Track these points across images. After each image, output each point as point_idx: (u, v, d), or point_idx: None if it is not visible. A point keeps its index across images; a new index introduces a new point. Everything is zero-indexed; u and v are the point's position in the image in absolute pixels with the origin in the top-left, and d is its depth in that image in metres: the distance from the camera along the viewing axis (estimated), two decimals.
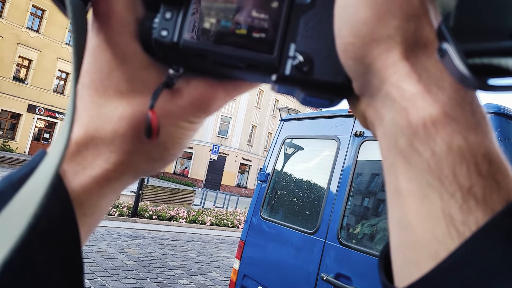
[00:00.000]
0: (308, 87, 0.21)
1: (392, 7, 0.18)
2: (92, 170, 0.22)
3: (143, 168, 0.25)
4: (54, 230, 0.20)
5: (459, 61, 0.15)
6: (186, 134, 0.25)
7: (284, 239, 2.63)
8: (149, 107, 0.22)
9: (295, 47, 0.21)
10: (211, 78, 0.24)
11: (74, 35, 0.20)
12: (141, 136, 0.23)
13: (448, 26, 0.16)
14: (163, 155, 0.25)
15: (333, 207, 2.38)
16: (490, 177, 0.16)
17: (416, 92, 0.17)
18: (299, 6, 0.21)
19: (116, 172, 0.23)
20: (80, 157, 0.22)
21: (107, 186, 0.23)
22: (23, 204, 0.16)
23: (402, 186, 0.17)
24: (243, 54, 0.21)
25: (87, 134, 0.22)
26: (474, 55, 0.15)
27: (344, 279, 2.15)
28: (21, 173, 0.21)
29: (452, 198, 0.16)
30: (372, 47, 0.18)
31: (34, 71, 20.07)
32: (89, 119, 0.23)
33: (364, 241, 2.18)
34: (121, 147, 0.23)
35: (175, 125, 0.24)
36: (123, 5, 0.22)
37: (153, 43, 0.22)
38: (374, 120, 0.20)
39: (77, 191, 0.22)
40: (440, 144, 0.16)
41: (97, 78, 0.23)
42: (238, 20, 0.21)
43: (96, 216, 0.24)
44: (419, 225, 0.16)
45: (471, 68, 0.15)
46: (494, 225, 0.15)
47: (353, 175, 2.35)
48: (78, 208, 0.22)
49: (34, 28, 20.10)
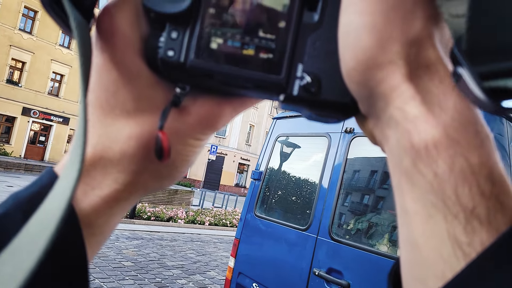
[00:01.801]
0: (316, 107, 0.21)
1: (394, 33, 0.18)
2: (101, 191, 0.22)
3: (151, 186, 0.25)
4: (61, 253, 0.20)
5: (475, 85, 0.15)
6: (194, 151, 0.25)
7: (278, 236, 2.66)
8: (159, 128, 0.22)
9: (303, 68, 0.21)
10: (218, 96, 0.24)
11: (80, 54, 0.19)
12: (150, 156, 0.23)
13: (461, 50, 0.16)
14: (171, 173, 0.25)
15: (325, 203, 2.41)
16: (494, 197, 0.16)
17: (419, 114, 0.17)
18: (306, 26, 0.21)
19: (125, 191, 0.23)
20: (89, 177, 0.22)
21: (116, 205, 0.23)
22: (34, 237, 0.16)
23: (408, 206, 0.18)
24: (250, 74, 0.21)
25: (95, 154, 0.22)
26: (490, 77, 0.15)
27: (335, 273, 2.19)
28: (29, 192, 0.21)
29: (455, 219, 0.16)
30: (375, 72, 0.18)
31: (28, 73, 19.89)
32: (97, 139, 0.22)
33: (355, 236, 2.21)
34: (129, 167, 0.23)
35: (183, 143, 0.24)
36: (127, 22, 0.22)
37: (159, 63, 0.21)
38: (381, 139, 0.20)
39: (86, 212, 0.22)
40: (442, 166, 0.16)
41: (103, 97, 0.22)
42: (245, 40, 0.21)
43: (105, 234, 0.24)
44: (425, 245, 0.17)
45: (487, 91, 0.15)
46: (499, 246, 0.15)
47: (344, 171, 2.38)
48: (87, 229, 0.22)
49: (27, 30, 19.90)
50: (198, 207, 11.93)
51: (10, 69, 19.52)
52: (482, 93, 0.15)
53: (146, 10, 0.21)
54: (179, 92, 0.22)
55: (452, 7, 0.18)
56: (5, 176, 13.02)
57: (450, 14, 0.18)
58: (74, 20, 0.19)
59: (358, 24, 0.18)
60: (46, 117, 21.04)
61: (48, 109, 20.96)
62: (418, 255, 0.17)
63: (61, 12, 0.20)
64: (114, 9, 0.22)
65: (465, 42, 0.16)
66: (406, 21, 0.18)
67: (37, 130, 21.21)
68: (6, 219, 0.20)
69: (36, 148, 21.16)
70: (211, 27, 0.21)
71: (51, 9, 0.19)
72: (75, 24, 0.19)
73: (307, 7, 0.21)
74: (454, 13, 0.17)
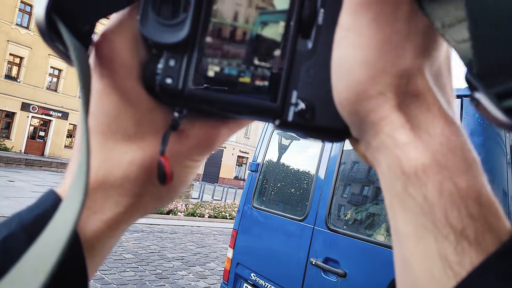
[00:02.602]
0: (310, 132, 0.22)
1: (385, 66, 0.18)
2: (102, 214, 0.23)
3: (151, 206, 0.25)
4: (64, 278, 0.20)
5: (493, 107, 0.15)
6: (191, 172, 0.26)
7: (275, 227, 2.69)
8: (160, 153, 0.22)
9: (297, 94, 0.21)
10: (215, 116, 0.24)
11: (80, 81, 0.19)
12: (151, 179, 0.23)
13: (473, 74, 0.16)
14: (170, 193, 0.26)
15: (321, 194, 2.43)
16: (482, 219, 0.16)
17: (408, 141, 0.18)
18: (300, 53, 0.21)
19: (127, 214, 0.24)
20: (90, 201, 0.22)
21: (117, 228, 0.24)
22: (38, 263, 0.16)
23: (400, 227, 0.18)
24: (246, 101, 0.21)
25: (97, 179, 0.22)
26: (506, 96, 0.15)
27: (332, 262, 2.21)
28: (33, 215, 0.21)
29: (446, 240, 0.16)
30: (366, 103, 0.19)
31: (26, 68, 19.79)
32: (98, 163, 0.22)
33: (351, 226, 2.23)
34: (131, 191, 0.23)
35: (181, 164, 0.25)
36: (126, 48, 0.22)
37: (157, 89, 0.22)
38: (373, 161, 0.20)
39: (89, 236, 0.22)
40: (432, 190, 0.17)
41: (103, 122, 0.23)
42: (241, 68, 0.21)
43: (104, 255, 0.25)
44: (417, 265, 0.17)
45: (507, 111, 0.15)
46: (488, 265, 0.16)
47: (340, 162, 2.39)
48: (88, 252, 0.22)
49: (24, 25, 19.78)
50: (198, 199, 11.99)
51: (8, 65, 19.42)
52: (502, 114, 0.15)
53: (144, 38, 0.21)
54: (177, 116, 0.23)
55: (456, 33, 0.17)
56: (6, 171, 13.05)
57: (456, 40, 0.18)
58: (74, 50, 0.19)
59: (351, 58, 0.19)
60: (45, 112, 21.01)
61: (47, 104, 20.90)
62: (411, 274, 0.18)
63: (60, 42, 0.20)
64: (113, 35, 0.22)
65: (475, 65, 0.16)
66: (397, 54, 0.18)
67: (36, 125, 21.20)
68: (11, 241, 0.20)
69: (36, 143, 21.17)
70: (208, 55, 0.21)
71: (50, 40, 0.20)
72: (75, 53, 0.19)
73: (301, 35, 0.21)
74: (459, 39, 0.17)
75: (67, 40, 0.19)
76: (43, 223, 0.18)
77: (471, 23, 0.15)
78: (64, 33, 0.19)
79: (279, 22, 0.21)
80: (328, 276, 2.20)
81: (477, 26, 0.15)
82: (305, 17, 0.21)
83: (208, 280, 5.03)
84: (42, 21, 0.19)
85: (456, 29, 0.17)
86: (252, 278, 2.69)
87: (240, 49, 0.21)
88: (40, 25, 0.19)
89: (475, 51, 0.15)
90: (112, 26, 0.23)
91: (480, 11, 0.14)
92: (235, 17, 0.21)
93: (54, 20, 0.19)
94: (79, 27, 0.21)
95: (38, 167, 16.55)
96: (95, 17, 0.22)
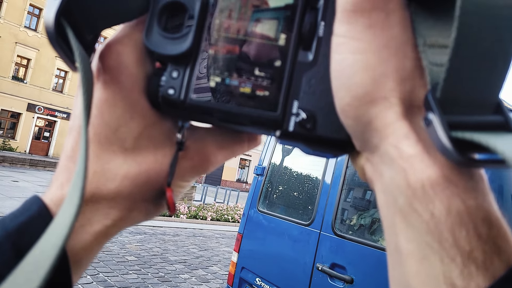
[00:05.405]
0: (311, 143, 0.22)
1: (386, 70, 0.18)
2: (90, 227, 0.22)
3: (139, 220, 0.25)
4: None
5: (443, 133, 0.16)
6: (181, 191, 0.26)
7: (281, 231, 2.67)
8: (167, 185, 0.23)
9: (298, 104, 0.21)
10: (212, 143, 0.25)
11: (83, 88, 0.19)
12: (143, 195, 0.23)
13: (435, 97, 0.16)
14: (159, 210, 0.26)
15: (328, 199, 2.41)
16: (491, 241, 0.16)
17: (415, 154, 0.17)
18: (301, 64, 0.22)
19: (115, 227, 0.23)
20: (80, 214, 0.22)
21: (104, 240, 0.23)
22: (28, 278, 0.16)
23: (401, 245, 0.17)
24: (247, 112, 0.21)
25: (88, 191, 0.22)
26: (458, 127, 0.15)
27: (339, 268, 2.19)
28: (17, 222, 0.20)
29: (452, 262, 0.15)
30: (370, 108, 0.18)
31: (33, 70, 20.01)
32: (91, 175, 0.22)
33: (358, 231, 2.21)
34: (122, 204, 0.23)
35: (174, 185, 0.25)
36: (134, 60, 0.22)
37: (160, 100, 0.22)
38: (373, 175, 0.20)
39: (76, 250, 0.22)
40: (439, 207, 0.16)
41: (102, 133, 0.22)
42: (242, 79, 0.22)
43: (88, 263, 0.24)
44: (418, 287, 0.16)
45: (454, 141, 0.15)
46: None
47: (347, 166, 2.37)
48: (74, 264, 0.21)
49: (32, 27, 20.04)
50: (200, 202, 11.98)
51: (16, 66, 19.65)
52: (449, 142, 0.15)
53: (150, 52, 0.22)
54: (180, 139, 0.24)
55: (433, 55, 0.18)
56: (11, 171, 13.16)
57: (431, 62, 0.18)
58: (79, 55, 0.19)
59: (350, 62, 0.18)
60: (50, 113, 21.19)
61: (52, 105, 21.09)
62: None
63: (66, 47, 0.20)
64: (121, 47, 0.22)
65: (440, 90, 0.16)
66: (398, 59, 0.18)
67: (41, 126, 21.38)
68: None
69: (40, 144, 21.33)
70: (209, 66, 0.22)
71: (57, 44, 0.20)
72: (80, 59, 0.19)
73: (302, 46, 0.22)
74: (434, 62, 0.18)
75: (73, 45, 0.19)
76: (27, 231, 0.18)
77: (453, 55, 0.15)
78: (71, 38, 0.20)
79: (281, 34, 0.22)
80: (335, 282, 2.17)
81: (458, 59, 0.15)
82: (305, 30, 0.22)
83: (211, 284, 5.00)
84: (51, 24, 0.19)
85: (436, 52, 0.18)
86: (257, 283, 2.67)
87: (241, 61, 0.22)
88: (49, 28, 0.19)
89: (446, 78, 0.16)
90: (119, 38, 0.23)
91: (465, 46, 0.15)
92: (237, 31, 0.22)
93: (63, 25, 0.20)
94: (84, 34, 0.21)
95: (42, 168, 16.66)
96: (101, 26, 0.22)
